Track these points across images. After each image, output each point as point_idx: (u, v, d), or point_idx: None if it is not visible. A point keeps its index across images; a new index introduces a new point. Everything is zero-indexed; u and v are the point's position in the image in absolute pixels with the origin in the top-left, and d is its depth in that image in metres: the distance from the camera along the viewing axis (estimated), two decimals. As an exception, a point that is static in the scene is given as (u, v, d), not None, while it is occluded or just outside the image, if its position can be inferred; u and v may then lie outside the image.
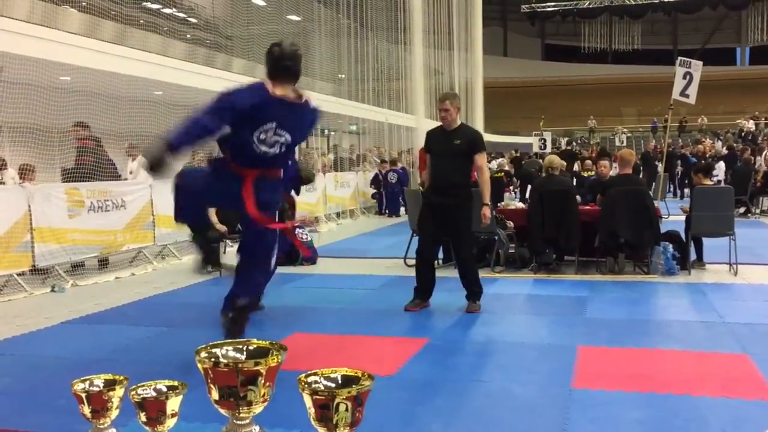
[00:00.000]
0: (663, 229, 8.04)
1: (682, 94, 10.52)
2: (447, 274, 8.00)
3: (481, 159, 6.00)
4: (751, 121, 31.82)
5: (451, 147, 5.89)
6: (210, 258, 7.09)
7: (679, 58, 10.95)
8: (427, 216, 6.09)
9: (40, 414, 3.68)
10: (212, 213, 8.41)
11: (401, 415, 3.65)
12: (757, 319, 5.58)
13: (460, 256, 6.37)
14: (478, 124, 29.66)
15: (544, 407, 3.76)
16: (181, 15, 13.28)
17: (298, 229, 9.36)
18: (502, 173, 18.20)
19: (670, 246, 7.76)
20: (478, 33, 29.21)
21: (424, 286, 6.21)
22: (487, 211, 5.92)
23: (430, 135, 6.20)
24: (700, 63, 10.58)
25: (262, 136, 4.30)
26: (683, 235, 8.02)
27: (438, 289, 7.12)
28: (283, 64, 4.39)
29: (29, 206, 7.50)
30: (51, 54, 8.30)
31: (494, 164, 22.48)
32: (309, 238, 9.40)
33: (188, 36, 13.03)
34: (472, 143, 5.94)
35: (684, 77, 10.45)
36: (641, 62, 49.62)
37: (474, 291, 6.13)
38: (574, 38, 53.97)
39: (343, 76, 19.20)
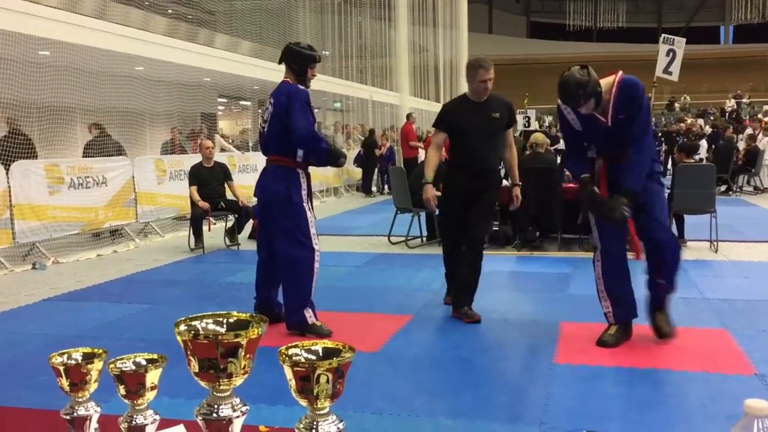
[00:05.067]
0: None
1: (665, 71, 10.54)
2: (432, 252, 8.04)
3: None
4: (733, 100, 31.97)
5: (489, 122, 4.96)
6: None
7: (663, 35, 10.96)
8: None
9: (21, 390, 3.67)
10: (194, 191, 8.37)
11: (384, 390, 3.66)
12: (736, 295, 5.65)
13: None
14: (463, 102, 29.63)
15: (527, 382, 3.79)
16: (163, -11, 13.06)
17: None
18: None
19: (652, 223, 7.82)
20: (463, 10, 29.11)
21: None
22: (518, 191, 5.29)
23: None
24: (683, 40, 10.60)
25: None
26: (665, 213, 8.07)
27: (423, 266, 7.16)
28: None
29: (8, 183, 7.42)
30: (30, 28, 8.16)
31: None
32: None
33: (170, 11, 12.82)
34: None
35: (667, 54, 10.47)
36: (626, 40, 49.55)
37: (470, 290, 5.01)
38: (560, 16, 53.75)
39: (327, 52, 19.04)
